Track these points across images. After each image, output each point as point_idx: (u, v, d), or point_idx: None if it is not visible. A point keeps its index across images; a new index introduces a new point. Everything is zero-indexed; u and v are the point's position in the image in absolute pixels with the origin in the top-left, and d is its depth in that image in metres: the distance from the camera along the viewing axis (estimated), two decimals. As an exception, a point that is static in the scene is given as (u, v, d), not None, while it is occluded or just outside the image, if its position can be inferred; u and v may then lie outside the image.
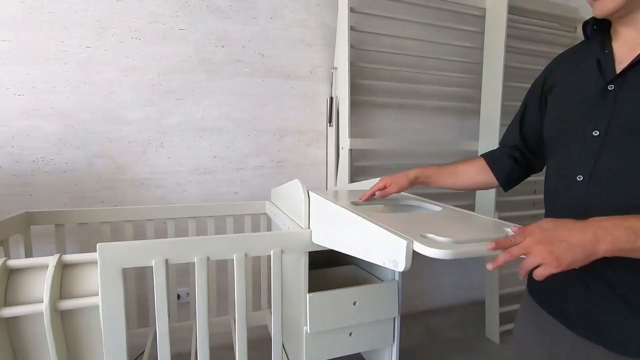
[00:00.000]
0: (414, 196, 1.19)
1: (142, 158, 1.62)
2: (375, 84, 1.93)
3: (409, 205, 1.14)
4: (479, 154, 1.96)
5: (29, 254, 1.29)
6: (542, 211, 0.76)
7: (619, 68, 0.62)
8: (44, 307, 0.84)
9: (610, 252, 0.51)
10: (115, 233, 1.46)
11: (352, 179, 1.74)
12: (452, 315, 2.23)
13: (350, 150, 1.69)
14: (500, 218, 1.72)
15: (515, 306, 2.08)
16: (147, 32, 1.57)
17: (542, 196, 0.77)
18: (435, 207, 1.04)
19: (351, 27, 1.68)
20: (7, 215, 1.22)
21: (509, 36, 1.82)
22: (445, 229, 0.74)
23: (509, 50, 1.85)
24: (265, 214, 1.63)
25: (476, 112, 2.02)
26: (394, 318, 1.22)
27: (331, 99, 1.82)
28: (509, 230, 0.70)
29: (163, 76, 1.61)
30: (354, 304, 1.14)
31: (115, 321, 0.91)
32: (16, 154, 1.45)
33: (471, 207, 1.96)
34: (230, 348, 1.28)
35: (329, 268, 1.46)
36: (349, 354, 1.18)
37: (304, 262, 1.09)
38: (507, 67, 1.82)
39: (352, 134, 1.73)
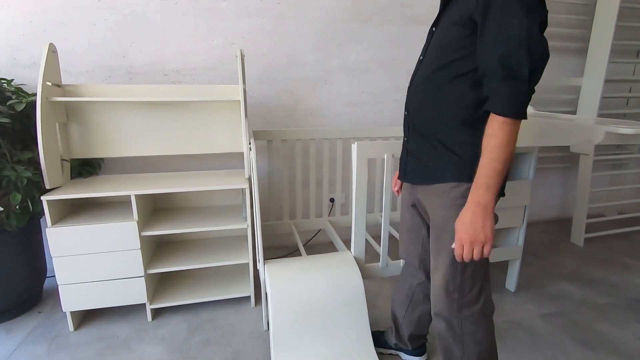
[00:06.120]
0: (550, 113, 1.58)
1: (312, 93, 2.09)
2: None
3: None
4: (582, 89, 2.28)
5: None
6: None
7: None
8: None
9: (493, 200, 0.79)
10: (303, 147, 1.99)
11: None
12: (537, 227, 2.67)
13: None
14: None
15: (599, 219, 2.49)
16: (320, -11, 1.96)
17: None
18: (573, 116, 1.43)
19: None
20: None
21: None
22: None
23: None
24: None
25: (580, 51, 2.27)
26: (525, 206, 1.68)
27: (457, 41, 2.15)
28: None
29: (328, 26, 2.02)
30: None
31: (363, 193, 1.43)
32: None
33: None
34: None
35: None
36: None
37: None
38: (620, 8, 2.04)
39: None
